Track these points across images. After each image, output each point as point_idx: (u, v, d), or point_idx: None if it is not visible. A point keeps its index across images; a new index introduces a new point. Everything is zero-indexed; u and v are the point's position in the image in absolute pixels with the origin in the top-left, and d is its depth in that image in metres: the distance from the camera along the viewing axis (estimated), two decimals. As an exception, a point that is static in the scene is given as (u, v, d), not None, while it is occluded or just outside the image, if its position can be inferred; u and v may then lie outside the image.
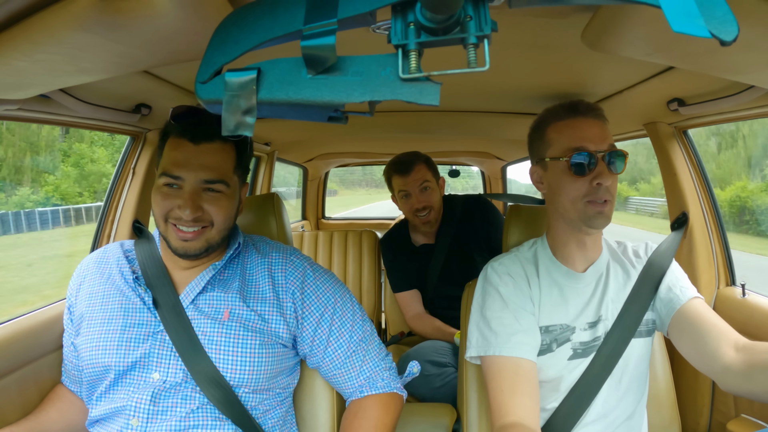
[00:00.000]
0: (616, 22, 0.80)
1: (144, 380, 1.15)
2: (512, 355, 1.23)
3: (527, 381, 1.21)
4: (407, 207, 2.44)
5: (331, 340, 1.26)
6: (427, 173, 2.40)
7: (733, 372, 1.12)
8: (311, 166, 4.49)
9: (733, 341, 1.17)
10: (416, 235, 2.61)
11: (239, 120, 0.57)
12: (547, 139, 1.30)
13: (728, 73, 0.94)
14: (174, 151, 1.17)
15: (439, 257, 2.48)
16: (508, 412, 1.16)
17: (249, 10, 0.59)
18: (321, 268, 1.32)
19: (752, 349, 1.12)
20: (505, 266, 1.36)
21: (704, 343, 1.20)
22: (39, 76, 0.90)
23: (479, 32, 0.51)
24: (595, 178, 1.22)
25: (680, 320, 1.27)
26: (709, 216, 1.79)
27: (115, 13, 0.68)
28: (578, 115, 1.26)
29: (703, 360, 1.20)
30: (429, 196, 2.40)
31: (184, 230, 1.17)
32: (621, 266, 1.39)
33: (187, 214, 1.14)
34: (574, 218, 1.26)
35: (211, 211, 1.18)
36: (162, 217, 1.18)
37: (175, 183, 1.16)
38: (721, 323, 1.23)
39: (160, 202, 1.17)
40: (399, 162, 2.43)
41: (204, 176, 1.16)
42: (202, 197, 1.17)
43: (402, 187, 2.41)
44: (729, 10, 0.45)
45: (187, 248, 1.18)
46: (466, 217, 2.52)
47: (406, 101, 0.54)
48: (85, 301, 1.27)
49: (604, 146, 1.23)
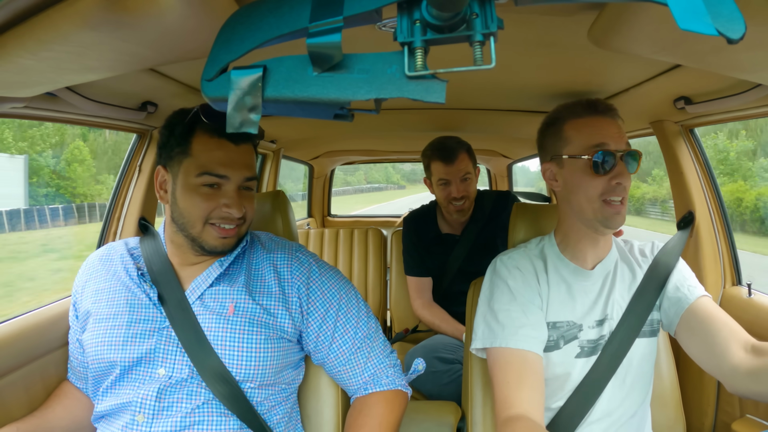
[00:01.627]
0: (623, 19, 0.80)
1: (150, 376, 1.16)
2: (519, 347, 1.22)
3: (533, 374, 1.20)
4: (444, 194, 2.37)
5: (335, 336, 1.26)
6: (469, 164, 2.34)
7: (741, 373, 1.11)
8: (317, 163, 4.49)
9: (743, 341, 1.17)
10: (443, 223, 2.54)
11: (245, 117, 0.57)
12: (565, 136, 1.29)
13: (735, 72, 0.94)
14: (215, 151, 1.18)
15: (461, 249, 2.44)
16: (513, 405, 1.16)
17: (255, 8, 0.59)
18: (326, 265, 1.33)
19: (762, 350, 1.12)
20: (514, 260, 1.36)
21: (714, 343, 1.20)
22: (45, 74, 0.91)
23: (485, 30, 0.51)
24: (614, 177, 1.21)
25: (689, 319, 1.26)
26: (716, 215, 1.78)
27: (121, 11, 0.68)
28: (597, 113, 1.26)
29: (712, 360, 1.20)
30: (468, 186, 2.34)
31: (227, 228, 1.20)
32: (628, 265, 1.38)
33: (236, 213, 1.18)
34: (590, 217, 1.26)
35: (247, 208, 1.23)
36: (201, 219, 1.18)
37: (218, 182, 1.18)
38: (731, 322, 1.22)
39: (200, 203, 1.18)
40: (443, 148, 2.34)
41: (246, 174, 1.21)
42: (242, 195, 1.21)
43: (443, 175, 2.34)
44: (736, 8, 0.45)
45: (225, 245, 1.22)
46: (495, 213, 2.47)
47: (413, 99, 0.54)
48: (91, 297, 1.27)
49: (623, 146, 1.23)
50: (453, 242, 2.48)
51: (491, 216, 2.46)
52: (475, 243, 2.44)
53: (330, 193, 5.03)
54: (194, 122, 1.19)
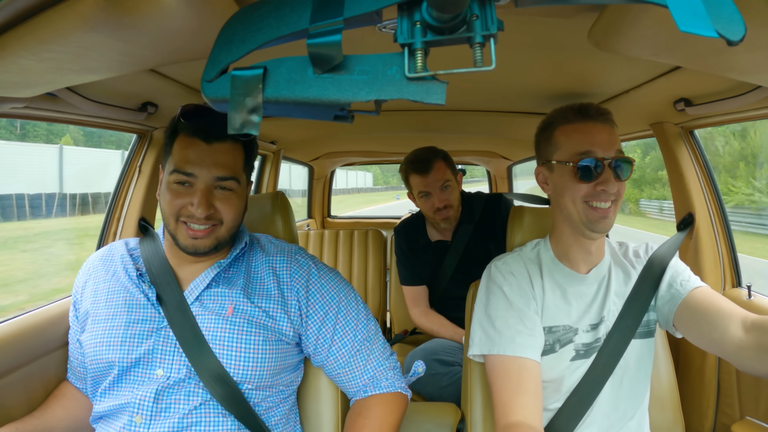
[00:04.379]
0: (623, 21, 0.80)
1: (148, 377, 1.16)
2: (517, 354, 1.23)
3: (531, 381, 1.21)
4: (427, 206, 2.36)
5: (335, 338, 1.26)
6: (446, 171, 2.31)
7: (747, 353, 1.10)
8: (317, 164, 4.49)
9: (740, 320, 1.15)
10: (433, 230, 2.54)
11: (245, 118, 0.57)
12: (555, 141, 1.29)
13: (735, 74, 0.94)
14: (186, 149, 1.17)
15: (454, 256, 2.42)
16: (512, 411, 1.16)
17: (255, 9, 0.59)
18: (326, 267, 1.33)
19: (762, 328, 1.10)
20: (509, 265, 1.36)
21: (712, 329, 1.19)
22: (46, 74, 0.91)
23: (485, 31, 0.51)
24: (600, 184, 1.22)
25: (684, 312, 1.27)
26: (716, 217, 1.78)
27: (121, 11, 0.68)
28: (588, 119, 1.26)
29: (716, 345, 1.19)
30: (449, 195, 2.32)
31: (195, 228, 1.18)
32: (622, 268, 1.39)
33: (200, 212, 1.16)
34: (576, 220, 1.26)
35: (222, 209, 1.19)
36: (173, 216, 1.18)
37: (187, 180, 1.17)
38: (727, 304, 1.21)
39: (170, 200, 1.17)
40: (417, 160, 2.32)
41: (217, 173, 1.18)
42: (214, 195, 1.19)
43: (422, 187, 2.32)
44: (736, 10, 0.45)
45: (197, 246, 1.19)
46: (485, 217, 2.45)
47: (413, 100, 0.54)
48: (90, 297, 1.27)
49: (611, 152, 1.23)
50: (444, 249, 2.46)
51: (481, 219, 2.45)
52: (466, 248, 2.42)
53: (330, 194, 5.03)
54: (177, 123, 1.20)
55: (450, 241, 2.46)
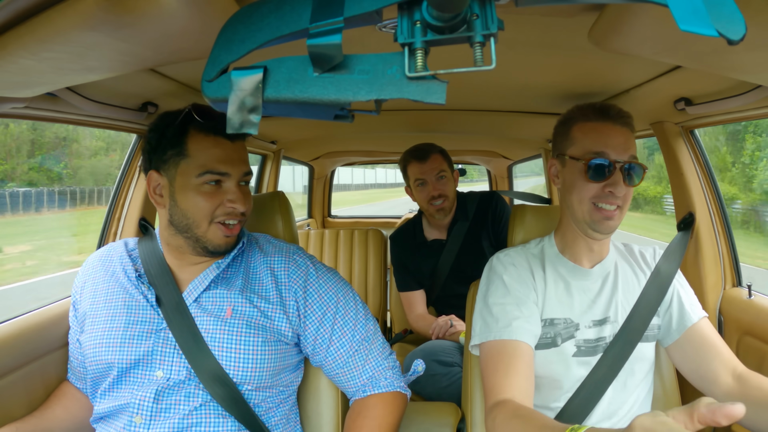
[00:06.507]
0: (623, 20, 0.80)
1: (147, 378, 1.16)
2: (511, 338, 1.22)
3: (523, 363, 1.20)
4: (423, 195, 2.42)
5: (333, 338, 1.26)
6: (443, 163, 2.40)
7: (732, 400, 1.12)
8: (317, 164, 4.49)
9: (731, 369, 1.22)
10: (429, 229, 2.58)
11: (245, 118, 0.57)
12: (572, 136, 1.30)
13: (735, 73, 0.94)
14: (213, 148, 1.18)
15: (450, 253, 2.47)
16: (501, 391, 1.14)
17: (255, 9, 0.59)
18: (324, 267, 1.33)
19: (747, 382, 1.17)
20: (511, 257, 1.37)
21: (706, 369, 1.26)
22: (46, 74, 0.91)
23: (486, 31, 0.51)
24: (609, 185, 1.22)
25: (687, 340, 1.31)
26: (716, 216, 1.78)
27: (121, 11, 0.68)
28: (607, 119, 1.26)
29: (704, 383, 1.26)
30: (444, 185, 2.39)
31: (232, 225, 1.21)
32: (630, 267, 1.39)
33: (240, 207, 1.19)
34: (580, 219, 1.27)
35: (247, 203, 1.22)
36: (206, 218, 1.18)
37: (220, 179, 1.19)
38: (724, 348, 1.27)
39: (203, 202, 1.17)
40: (416, 149, 2.42)
41: (245, 169, 1.22)
42: (242, 190, 1.22)
43: (419, 175, 2.39)
44: (737, 9, 0.45)
45: (228, 244, 1.22)
46: (480, 214, 2.50)
47: (413, 100, 0.54)
48: (90, 298, 1.27)
49: (625, 156, 1.23)
50: (440, 247, 2.51)
51: (476, 217, 2.50)
52: (462, 245, 2.47)
53: (330, 194, 5.03)
54: (187, 122, 1.19)
55: (445, 239, 2.51)
